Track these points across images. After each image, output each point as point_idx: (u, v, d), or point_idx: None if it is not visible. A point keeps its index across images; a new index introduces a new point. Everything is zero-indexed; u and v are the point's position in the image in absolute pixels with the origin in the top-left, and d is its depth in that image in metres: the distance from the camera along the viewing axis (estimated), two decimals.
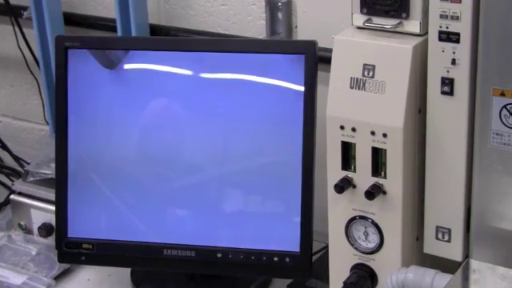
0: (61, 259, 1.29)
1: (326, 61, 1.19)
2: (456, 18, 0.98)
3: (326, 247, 1.19)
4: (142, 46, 1.26)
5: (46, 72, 1.59)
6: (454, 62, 1.00)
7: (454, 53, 0.99)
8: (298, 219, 1.17)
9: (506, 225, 1.00)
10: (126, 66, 1.25)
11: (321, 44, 1.18)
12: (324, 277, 1.16)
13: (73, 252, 1.26)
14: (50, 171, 1.41)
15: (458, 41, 0.99)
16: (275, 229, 1.19)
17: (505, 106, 0.97)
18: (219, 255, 1.21)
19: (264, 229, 1.20)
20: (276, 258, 1.18)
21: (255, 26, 1.42)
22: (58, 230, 1.27)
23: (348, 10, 1.08)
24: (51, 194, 1.34)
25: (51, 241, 1.37)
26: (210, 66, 1.22)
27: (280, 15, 1.38)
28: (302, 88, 1.17)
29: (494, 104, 0.97)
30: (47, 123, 1.65)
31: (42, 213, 1.39)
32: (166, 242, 1.23)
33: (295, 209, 1.17)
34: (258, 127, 1.19)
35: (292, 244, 1.18)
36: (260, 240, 1.19)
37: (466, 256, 1.05)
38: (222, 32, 1.46)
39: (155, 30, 1.50)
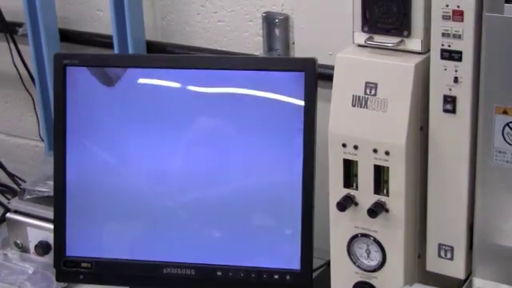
0: (59, 278, 1.28)
1: (324, 77, 1.19)
2: (458, 36, 0.98)
3: (326, 264, 1.19)
4: (140, 63, 1.25)
5: (41, 88, 1.58)
6: (456, 80, 1.00)
7: (456, 71, 1.00)
8: (299, 237, 1.17)
9: (509, 242, 1.01)
10: (125, 83, 1.24)
11: (319, 61, 1.18)
12: None
13: (71, 271, 1.25)
14: (46, 189, 1.40)
15: (460, 59, 0.99)
16: (275, 246, 1.19)
17: (507, 124, 0.98)
18: (219, 273, 1.20)
19: (264, 246, 1.19)
20: (276, 276, 1.18)
21: (252, 43, 1.42)
22: (56, 248, 1.26)
23: (345, 27, 1.09)
24: (48, 212, 1.34)
25: (48, 259, 1.36)
26: (209, 83, 1.22)
27: (277, 32, 1.38)
28: (302, 105, 1.17)
29: (496, 122, 0.98)
30: (42, 140, 1.64)
31: (39, 231, 1.38)
32: (166, 260, 1.22)
33: (295, 226, 1.17)
34: (258, 145, 1.19)
35: (292, 262, 1.17)
36: (260, 258, 1.19)
37: (469, 274, 1.05)
38: (219, 48, 1.46)
39: (152, 46, 1.50)
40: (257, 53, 1.42)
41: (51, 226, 1.28)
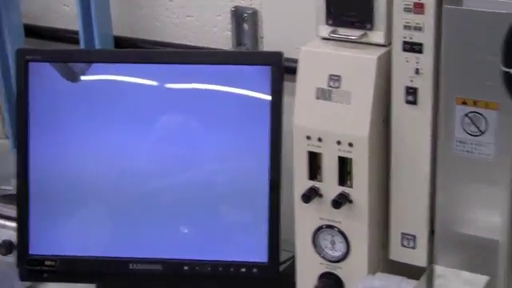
0: (23, 277, 1.30)
1: (292, 71, 1.25)
2: (419, 28, 1.05)
3: (294, 256, 1.25)
4: (105, 58, 1.31)
5: (5, 85, 1.62)
6: (417, 71, 1.07)
7: (417, 63, 1.07)
8: (266, 229, 1.23)
9: (468, 230, 1.08)
10: (89, 79, 1.29)
11: (287, 55, 1.24)
12: (293, 286, 1.22)
13: (35, 270, 1.29)
14: (10, 187, 1.44)
15: (421, 51, 1.06)
16: (242, 239, 1.25)
17: (467, 115, 1.05)
18: (186, 268, 1.25)
19: (231, 240, 1.25)
20: (243, 269, 1.23)
21: (221, 37, 1.47)
22: (19, 247, 1.30)
23: (314, 21, 1.15)
24: (11, 211, 1.37)
25: (11, 258, 1.38)
26: (175, 77, 1.27)
27: (246, 26, 1.44)
28: (268, 99, 1.23)
29: (456, 112, 1.05)
30: (7, 137, 1.69)
31: (2, 230, 1.41)
32: (132, 256, 1.27)
33: (262, 219, 1.23)
34: (225, 138, 1.25)
35: (259, 255, 1.23)
36: (227, 251, 1.25)
37: (432, 262, 1.12)
38: (188, 43, 1.51)
39: (120, 41, 1.54)
40: (226, 48, 1.46)
41: (15, 225, 1.31)
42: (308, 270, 1.18)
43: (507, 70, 0.96)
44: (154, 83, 1.29)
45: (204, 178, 1.26)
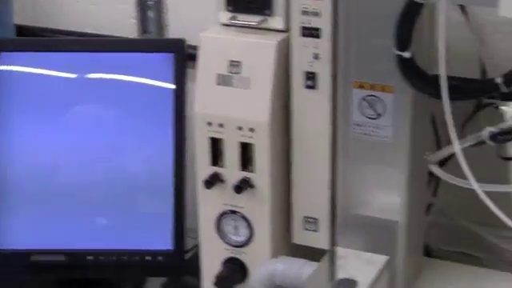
0: None
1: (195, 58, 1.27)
2: (316, 14, 1.08)
3: None
4: (5, 47, 1.29)
5: None
6: (316, 56, 1.09)
7: (315, 48, 1.09)
8: (170, 217, 1.23)
9: (368, 212, 1.11)
10: None
11: (192, 42, 1.24)
12: (198, 273, 1.23)
13: None
14: None
15: (319, 36, 1.08)
16: (147, 228, 1.25)
17: (364, 98, 1.08)
18: (90, 258, 1.25)
19: (136, 228, 1.25)
20: (149, 257, 1.24)
21: (126, 25, 1.47)
22: None
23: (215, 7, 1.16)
24: None
25: None
26: (78, 66, 1.27)
27: (151, 14, 1.45)
28: (171, 86, 1.24)
29: (354, 96, 1.08)
30: None
31: None
32: (33, 247, 1.26)
33: (167, 207, 1.23)
34: (129, 126, 1.26)
35: (164, 242, 1.24)
36: (132, 240, 1.25)
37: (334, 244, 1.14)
38: (92, 32, 1.51)
39: (22, 30, 1.53)
40: (131, 36, 1.47)
41: None
42: (212, 255, 1.19)
43: (400, 53, 0.99)
44: (56, 72, 1.28)
45: (108, 167, 1.26)
